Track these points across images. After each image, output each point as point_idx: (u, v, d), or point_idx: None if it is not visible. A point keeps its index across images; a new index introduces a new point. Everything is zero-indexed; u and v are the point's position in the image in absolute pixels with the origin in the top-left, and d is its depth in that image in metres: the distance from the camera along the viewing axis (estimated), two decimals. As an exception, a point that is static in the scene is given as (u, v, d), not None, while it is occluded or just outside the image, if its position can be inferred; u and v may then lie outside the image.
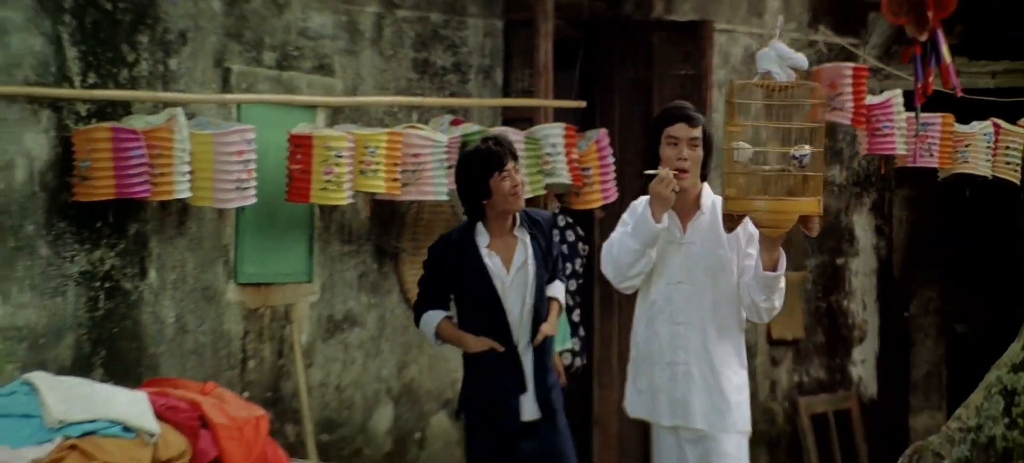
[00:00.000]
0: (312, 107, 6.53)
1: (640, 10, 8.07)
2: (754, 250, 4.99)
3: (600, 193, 7.16)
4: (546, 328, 5.41)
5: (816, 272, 9.16)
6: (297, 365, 6.48)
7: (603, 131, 7.22)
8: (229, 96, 6.25)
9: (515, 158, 5.41)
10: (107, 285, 5.92)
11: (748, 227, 4.98)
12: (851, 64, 8.02)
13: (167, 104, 5.94)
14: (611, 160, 7.23)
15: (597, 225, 7.68)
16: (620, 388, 7.92)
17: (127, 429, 4.11)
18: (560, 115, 7.28)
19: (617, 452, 8.06)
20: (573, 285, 7.09)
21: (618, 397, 7.95)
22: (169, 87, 6.09)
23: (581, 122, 7.46)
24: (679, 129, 5.15)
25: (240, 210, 6.21)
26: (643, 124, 7.77)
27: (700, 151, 5.16)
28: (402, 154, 6.46)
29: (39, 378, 4.24)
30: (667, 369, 5.15)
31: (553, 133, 6.91)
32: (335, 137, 6.21)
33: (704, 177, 5.21)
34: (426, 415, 7.19)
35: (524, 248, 5.41)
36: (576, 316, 7.10)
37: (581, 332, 7.16)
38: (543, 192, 6.89)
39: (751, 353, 8.58)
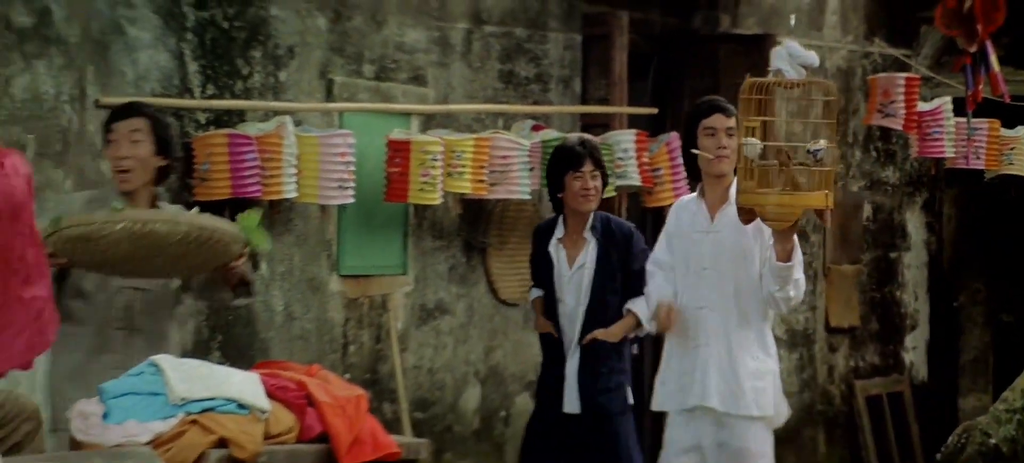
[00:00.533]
0: (407, 115, 6.56)
1: (708, 25, 8.05)
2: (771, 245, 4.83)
3: (672, 191, 7.14)
4: (600, 333, 5.35)
5: (871, 265, 9.08)
6: (393, 350, 6.53)
7: (674, 134, 7.20)
8: (332, 105, 6.31)
9: (597, 163, 5.41)
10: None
11: None
12: (904, 74, 7.95)
13: (277, 112, 6.00)
14: (681, 161, 7.20)
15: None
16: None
17: (241, 406, 4.14)
18: (633, 121, 7.27)
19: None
20: None
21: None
22: (279, 97, 6.15)
23: (653, 128, 7.45)
24: (716, 120, 5.07)
25: (342, 208, 6.26)
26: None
27: (735, 141, 4.99)
28: (489, 157, 6.49)
29: (164, 360, 4.29)
30: (690, 354, 5.00)
31: (624, 138, 6.93)
32: (431, 142, 6.25)
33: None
34: (511, 396, 7.21)
35: (589, 250, 5.40)
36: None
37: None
38: (614, 194, 6.91)
39: (810, 340, 8.55)
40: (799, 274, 4.81)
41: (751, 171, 4.55)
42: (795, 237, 4.72)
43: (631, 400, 5.54)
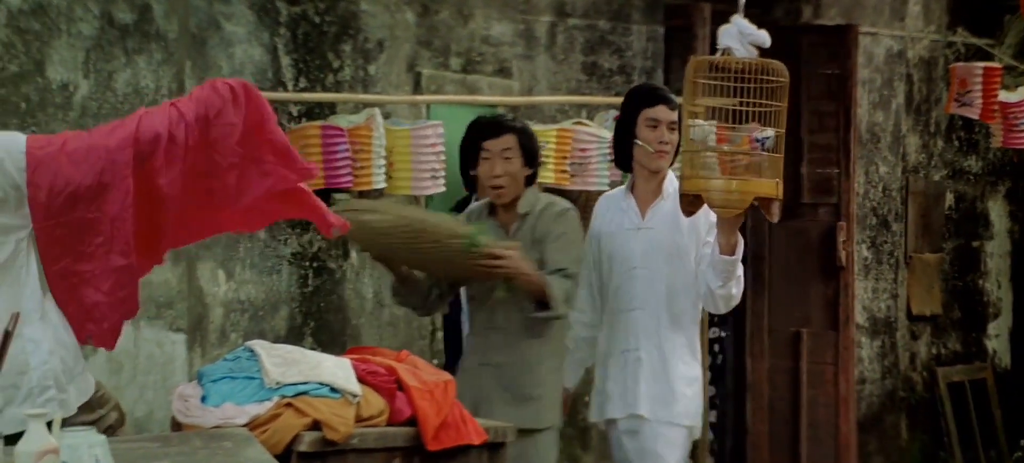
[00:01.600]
0: (492, 106, 6.62)
1: (789, 16, 8.02)
2: (714, 239, 4.46)
3: (753, 182, 7.15)
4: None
5: (953, 254, 8.99)
6: (480, 335, 6.58)
7: (754, 125, 7.19)
8: (420, 97, 6.38)
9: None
10: (315, 265, 6.10)
11: (710, 216, 4.45)
12: (982, 63, 7.86)
13: (366, 105, 6.08)
14: (763, 152, 7.20)
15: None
16: (770, 359, 7.96)
17: (334, 390, 4.21)
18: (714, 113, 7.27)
19: (768, 419, 8.02)
20: None
21: (768, 367, 7.98)
22: (368, 90, 6.24)
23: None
24: (660, 111, 4.72)
25: (429, 198, 6.34)
26: (790, 120, 7.73)
27: (677, 135, 4.64)
28: (571, 148, 6.53)
29: (259, 345, 4.38)
30: (620, 358, 4.68)
31: (706, 129, 6.92)
32: (516, 133, 6.29)
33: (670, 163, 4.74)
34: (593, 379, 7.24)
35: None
36: None
37: None
38: None
39: (892, 327, 8.50)
40: (741, 270, 4.44)
41: (696, 158, 4.21)
42: (738, 231, 4.34)
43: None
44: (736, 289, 4.45)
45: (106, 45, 5.40)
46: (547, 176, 6.42)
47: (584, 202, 7.02)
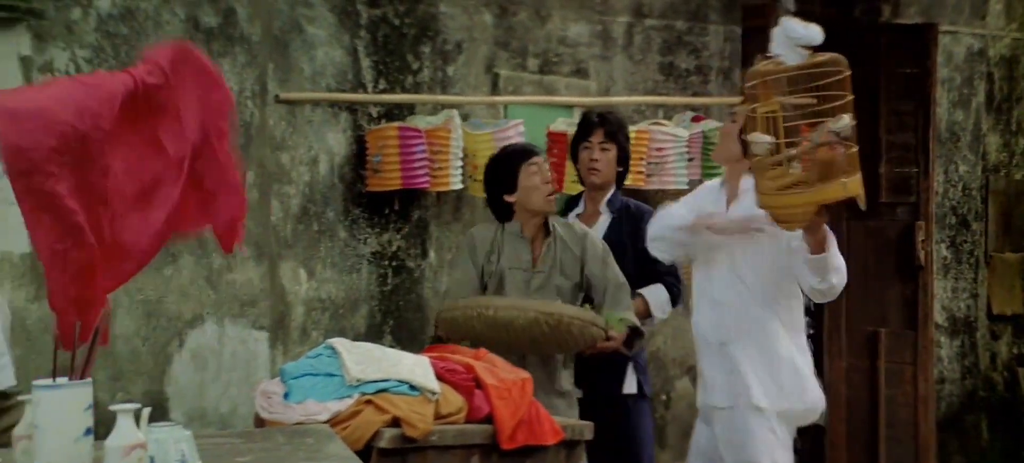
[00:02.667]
0: (569, 107, 6.63)
1: (868, 15, 7.95)
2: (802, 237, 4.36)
3: (830, 181, 7.11)
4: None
5: (1035, 253, 8.87)
6: (555, 334, 6.59)
7: (827, 121, 7.15)
8: (498, 98, 6.40)
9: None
10: (394, 264, 6.15)
11: None
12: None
13: (445, 106, 6.12)
14: (841, 151, 7.15)
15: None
16: (848, 358, 7.90)
17: (413, 388, 4.24)
18: (792, 112, 7.22)
19: (846, 418, 7.96)
20: None
21: (846, 367, 7.92)
22: (447, 91, 6.27)
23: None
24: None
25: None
26: (868, 120, 7.67)
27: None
28: (648, 148, 6.52)
29: (339, 343, 4.43)
30: (719, 347, 4.66)
31: (784, 129, 6.90)
32: (589, 133, 6.29)
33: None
34: (671, 379, 7.23)
35: (603, 225, 5.48)
36: None
37: None
38: None
39: (972, 327, 8.39)
40: (838, 260, 4.37)
41: (767, 170, 4.09)
42: (825, 225, 4.27)
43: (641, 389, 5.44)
44: (837, 279, 4.40)
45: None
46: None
47: (659, 200, 7.01)
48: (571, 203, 5.74)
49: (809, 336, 7.60)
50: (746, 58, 7.43)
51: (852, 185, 4.06)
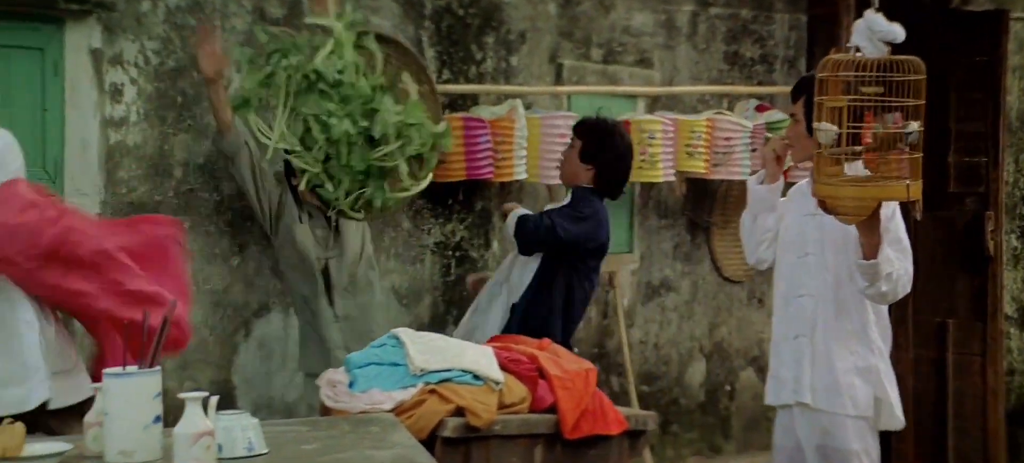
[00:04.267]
0: (633, 97, 6.62)
1: (938, 2, 7.85)
2: (892, 228, 4.27)
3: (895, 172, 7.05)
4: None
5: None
6: (620, 325, 6.61)
7: (897, 114, 7.07)
8: (561, 88, 6.40)
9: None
10: (457, 254, 6.17)
11: (887, 205, 4.21)
12: None
13: (508, 96, 6.14)
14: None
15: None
16: (915, 349, 7.82)
17: (477, 377, 4.26)
18: (859, 100, 7.16)
19: (912, 407, 7.88)
20: None
21: (913, 358, 7.84)
22: (510, 81, 6.28)
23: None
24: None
25: (569, 189, 6.34)
26: (937, 108, 7.59)
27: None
28: (713, 138, 6.50)
29: (404, 333, 4.45)
30: (791, 344, 4.53)
31: (851, 119, 6.84)
32: (649, 121, 6.30)
33: None
34: (735, 370, 7.21)
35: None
36: None
37: None
38: None
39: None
40: (890, 268, 4.23)
41: (827, 159, 4.01)
42: (881, 231, 4.16)
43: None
44: (887, 286, 4.25)
45: (258, 40, 5.53)
46: (698, 165, 6.40)
47: (724, 192, 6.99)
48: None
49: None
50: (812, 46, 7.38)
51: (914, 188, 3.98)
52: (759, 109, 6.87)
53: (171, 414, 2.97)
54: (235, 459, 2.99)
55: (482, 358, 4.34)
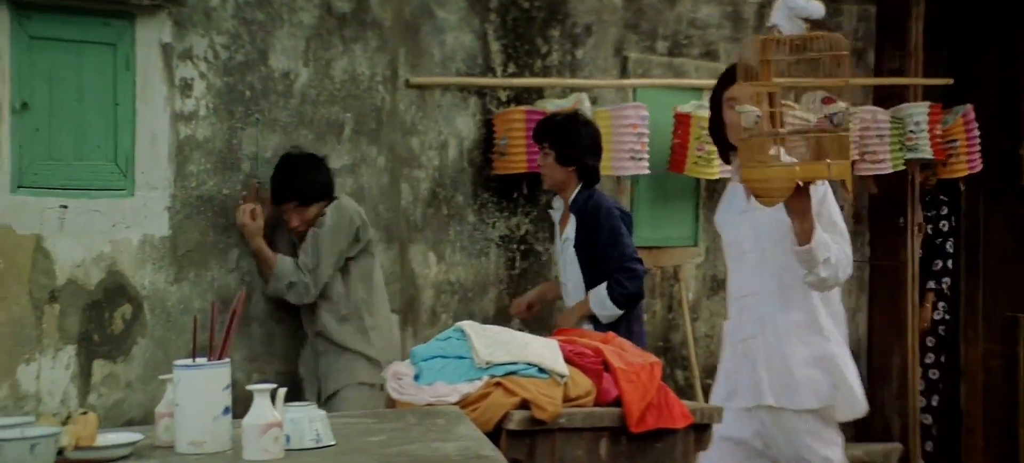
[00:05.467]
0: (699, 89, 6.60)
1: (1008, -4, 7.77)
2: (825, 212, 4.17)
3: (966, 163, 6.98)
4: (560, 318, 5.36)
5: None
6: (685, 319, 6.61)
7: (969, 106, 7.02)
8: (626, 81, 6.40)
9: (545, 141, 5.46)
10: (522, 247, 6.19)
11: (818, 188, 4.14)
12: None
13: (574, 89, 6.15)
14: (977, 133, 7.02)
15: (962, 195, 7.52)
16: (984, 344, 7.74)
17: (542, 370, 4.26)
18: (928, 93, 7.10)
19: (982, 401, 7.82)
20: None
21: (982, 352, 7.77)
22: (575, 74, 6.29)
23: (948, 99, 7.25)
24: (735, 89, 4.33)
25: (635, 181, 6.36)
26: (1010, 99, 7.51)
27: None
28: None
29: (468, 326, 4.46)
30: (740, 346, 4.45)
31: (918, 111, 6.78)
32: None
33: None
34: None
35: (573, 226, 5.40)
36: None
37: None
38: (903, 167, 6.79)
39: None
40: (827, 253, 4.10)
41: (754, 144, 3.89)
42: (813, 215, 4.04)
43: None
44: (826, 272, 4.12)
45: (325, 34, 5.59)
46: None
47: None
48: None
49: (942, 321, 7.51)
50: (880, 38, 7.32)
51: (838, 168, 3.85)
52: (825, 101, 6.80)
53: (240, 405, 3.01)
54: (303, 450, 3.02)
55: (547, 351, 4.34)
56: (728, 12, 6.80)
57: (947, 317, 7.83)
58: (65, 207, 4.97)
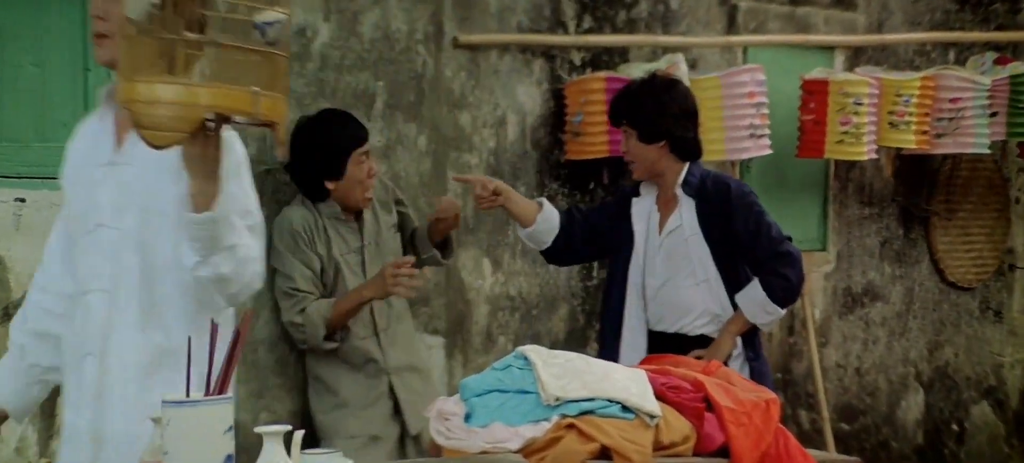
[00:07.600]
0: (829, 48, 6.58)
1: None
2: (240, 192, 3.54)
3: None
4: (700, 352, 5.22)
5: None
6: (810, 344, 6.58)
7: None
8: (735, 38, 6.40)
9: None
10: (602, 250, 6.22)
11: (235, 147, 3.58)
12: None
13: (667, 49, 6.15)
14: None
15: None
16: None
17: (626, 409, 4.27)
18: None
19: None
20: None
21: None
22: (669, 30, 6.30)
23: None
24: None
25: (746, 168, 6.37)
26: None
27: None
28: (935, 101, 6.44)
29: (533, 352, 4.46)
30: (78, 371, 3.61)
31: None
32: (854, 81, 6.26)
33: None
34: (964, 404, 7.16)
35: (689, 210, 5.24)
36: None
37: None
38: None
39: None
40: (235, 238, 3.50)
41: (136, 47, 3.24)
42: (222, 175, 3.40)
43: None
44: (229, 266, 3.52)
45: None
46: (907, 138, 6.35)
47: (949, 172, 6.93)
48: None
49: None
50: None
51: (268, 103, 3.28)
52: (1000, 62, 6.78)
53: (245, 455, 3.05)
54: (325, 509, 3.06)
55: (633, 384, 4.36)
56: (867, -53, 6.80)
57: None
58: (22, 200, 5.04)
